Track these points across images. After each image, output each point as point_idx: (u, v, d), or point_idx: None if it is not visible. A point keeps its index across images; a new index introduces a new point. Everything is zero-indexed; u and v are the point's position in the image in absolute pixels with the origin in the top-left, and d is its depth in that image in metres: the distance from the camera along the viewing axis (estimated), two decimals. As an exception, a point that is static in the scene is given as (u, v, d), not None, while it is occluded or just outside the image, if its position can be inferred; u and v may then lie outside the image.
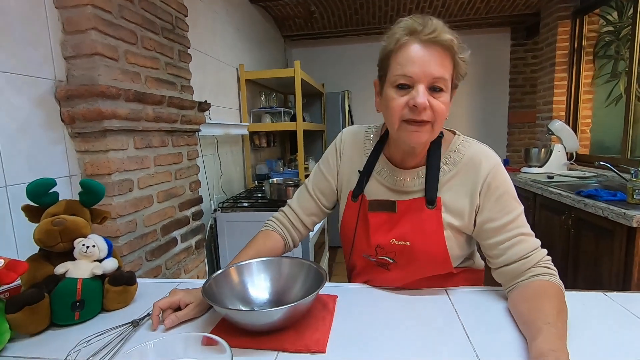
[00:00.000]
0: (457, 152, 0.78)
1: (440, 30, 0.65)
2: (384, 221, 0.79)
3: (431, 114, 0.68)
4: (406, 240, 0.75)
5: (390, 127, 0.74)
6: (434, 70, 0.66)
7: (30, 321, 0.64)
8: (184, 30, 1.57)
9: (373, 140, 0.86)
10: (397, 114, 0.69)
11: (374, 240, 0.79)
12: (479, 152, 0.77)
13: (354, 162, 0.87)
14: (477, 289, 0.80)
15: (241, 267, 0.75)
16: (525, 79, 3.80)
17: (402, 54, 0.67)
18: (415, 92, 0.66)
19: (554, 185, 2.07)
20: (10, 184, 0.94)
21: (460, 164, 0.77)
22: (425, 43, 0.66)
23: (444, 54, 0.67)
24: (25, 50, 0.99)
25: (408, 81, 0.67)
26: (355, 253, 0.85)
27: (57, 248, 0.73)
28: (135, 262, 1.25)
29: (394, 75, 0.69)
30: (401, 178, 0.80)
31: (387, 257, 0.79)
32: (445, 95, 0.69)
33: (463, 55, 0.69)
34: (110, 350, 0.58)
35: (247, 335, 0.61)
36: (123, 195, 1.19)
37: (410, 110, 0.68)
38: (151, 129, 1.31)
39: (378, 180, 0.82)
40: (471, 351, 0.57)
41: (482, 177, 0.74)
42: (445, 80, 0.67)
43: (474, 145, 0.79)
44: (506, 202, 0.73)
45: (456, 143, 0.79)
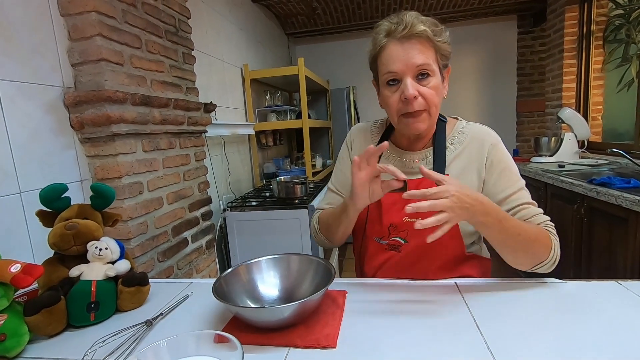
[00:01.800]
0: (461, 133, 0.85)
1: (413, 24, 0.71)
2: (396, 200, 0.81)
3: (423, 102, 0.74)
4: (418, 216, 0.76)
5: (392, 122, 0.82)
6: (415, 61, 0.72)
7: (47, 323, 0.66)
8: (187, 32, 1.59)
9: (379, 130, 0.93)
10: (394, 109, 0.77)
11: (386, 220, 0.82)
12: (481, 131, 0.85)
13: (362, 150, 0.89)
14: (487, 281, 0.79)
15: (250, 265, 0.76)
16: (533, 67, 3.74)
17: (384, 55, 0.75)
18: (404, 85, 0.73)
19: (565, 174, 2.04)
20: (24, 191, 0.96)
21: (465, 143, 0.83)
22: (402, 40, 0.73)
23: (421, 44, 0.72)
24: (34, 59, 1.01)
25: (395, 77, 0.74)
26: (367, 237, 0.87)
27: (71, 251, 0.75)
28: (147, 263, 1.27)
29: (383, 74, 0.76)
30: (410, 159, 0.86)
31: (399, 237, 0.82)
32: (433, 80, 0.74)
33: (441, 38, 0.75)
34: (125, 350, 0.60)
35: (258, 332, 0.62)
36: (133, 198, 1.21)
37: (403, 103, 0.74)
38: (158, 132, 1.33)
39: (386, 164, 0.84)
40: (482, 343, 0.56)
41: (485, 152, 0.81)
42: (429, 64, 0.73)
43: (476, 126, 0.86)
44: (508, 177, 0.80)
45: (460, 126, 0.87)
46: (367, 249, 0.89)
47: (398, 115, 0.77)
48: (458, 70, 3.96)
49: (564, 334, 0.58)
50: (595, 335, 0.57)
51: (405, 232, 0.81)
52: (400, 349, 0.57)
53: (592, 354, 0.52)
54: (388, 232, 0.83)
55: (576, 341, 0.55)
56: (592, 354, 0.52)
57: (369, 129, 0.95)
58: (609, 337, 0.56)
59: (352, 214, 0.78)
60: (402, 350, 0.56)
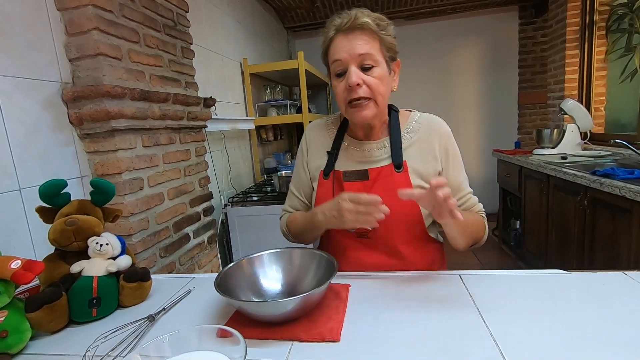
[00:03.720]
0: (416, 122, 0.90)
1: (357, 16, 0.76)
2: (359, 189, 0.84)
3: (368, 90, 0.77)
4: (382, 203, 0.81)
5: (342, 111, 0.85)
6: (358, 50, 0.76)
7: (49, 319, 0.66)
8: (185, 26, 1.57)
9: (334, 125, 0.96)
10: (341, 98, 0.80)
11: None
12: (435, 121, 0.90)
13: (321, 148, 0.94)
14: (490, 273, 0.78)
15: (252, 259, 0.75)
16: (535, 58, 3.70)
17: (332, 46, 0.79)
18: (348, 73, 0.77)
19: (568, 165, 2.02)
20: (23, 187, 0.95)
21: (420, 132, 0.88)
22: (346, 31, 0.77)
23: (365, 35, 0.76)
24: (31, 54, 1.00)
25: (341, 66, 0.78)
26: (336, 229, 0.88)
27: (71, 247, 0.74)
28: (149, 259, 1.27)
29: (331, 65, 0.80)
30: (368, 149, 0.88)
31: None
32: (377, 70, 0.77)
33: (386, 31, 0.78)
34: (128, 345, 0.59)
35: (261, 326, 0.62)
36: (134, 194, 1.21)
37: (348, 91, 0.78)
38: (158, 127, 1.32)
39: (346, 156, 0.90)
40: (488, 335, 0.56)
41: (439, 141, 0.86)
42: (372, 55, 0.76)
43: (430, 116, 0.91)
44: (460, 165, 0.89)
45: (414, 117, 0.91)
46: (336, 239, 0.90)
47: (345, 103, 0.80)
48: (458, 62, 3.93)
49: (572, 325, 0.57)
50: (603, 326, 0.56)
51: None
52: (405, 342, 0.56)
53: (600, 345, 0.52)
54: None
55: (584, 332, 0.55)
56: (600, 345, 0.52)
57: (324, 125, 0.97)
58: (617, 328, 0.55)
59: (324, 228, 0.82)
60: (407, 344, 0.56)
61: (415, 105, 4.20)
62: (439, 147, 0.86)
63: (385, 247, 0.85)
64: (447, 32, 3.90)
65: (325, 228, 0.81)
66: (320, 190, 0.90)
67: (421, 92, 4.03)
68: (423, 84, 4.01)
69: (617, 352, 0.50)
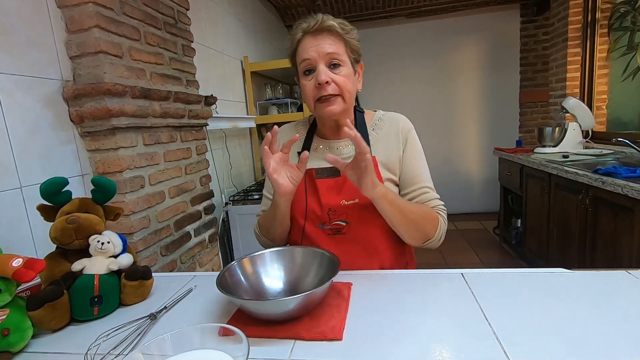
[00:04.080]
0: (380, 120, 0.94)
1: (323, 20, 0.80)
2: (331, 186, 0.87)
3: (336, 87, 0.81)
4: (354, 198, 0.85)
5: (310, 109, 0.87)
6: (326, 49, 0.80)
7: (51, 317, 0.66)
8: (186, 24, 1.56)
9: (304, 127, 0.98)
10: (310, 95, 0.83)
11: (325, 203, 0.86)
12: (398, 117, 0.94)
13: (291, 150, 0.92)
14: (493, 271, 0.78)
15: (254, 258, 0.75)
16: (537, 56, 3.69)
17: (300, 47, 0.83)
18: (317, 71, 0.81)
19: (569, 164, 2.01)
20: (24, 185, 0.95)
21: (385, 128, 0.92)
22: (314, 33, 0.81)
23: (331, 36, 0.81)
24: (31, 52, 0.99)
25: (310, 65, 0.82)
26: (309, 225, 0.89)
27: (72, 245, 0.74)
28: (150, 257, 1.26)
29: (299, 64, 0.84)
30: (337, 147, 0.92)
31: (339, 220, 0.87)
32: (344, 69, 0.82)
33: (350, 35, 0.84)
34: (130, 344, 0.59)
35: (263, 325, 0.61)
36: (135, 192, 1.20)
37: (317, 89, 0.81)
38: (159, 125, 1.31)
39: (317, 156, 0.92)
40: (491, 333, 0.56)
41: (402, 134, 0.90)
42: (340, 54, 0.81)
43: (393, 114, 0.96)
44: (418, 157, 0.90)
45: (378, 115, 0.95)
46: (309, 237, 0.90)
47: (314, 100, 0.83)
48: (459, 61, 3.92)
49: (575, 323, 0.57)
50: (606, 324, 0.56)
51: (344, 214, 0.86)
52: (407, 341, 0.56)
53: (604, 343, 0.52)
54: (329, 217, 0.87)
55: (587, 331, 0.55)
56: (604, 343, 0.52)
57: (294, 128, 1.00)
58: (621, 327, 0.55)
59: (282, 204, 0.83)
60: (409, 342, 0.56)
61: (416, 104, 4.18)
62: (401, 137, 0.90)
63: (360, 244, 0.86)
64: (448, 31, 3.88)
65: (280, 199, 0.82)
66: None
67: (421, 90, 4.02)
68: (423, 83, 4.00)
69: (622, 350, 0.50)
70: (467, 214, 4.13)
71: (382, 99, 4.10)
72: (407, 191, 0.88)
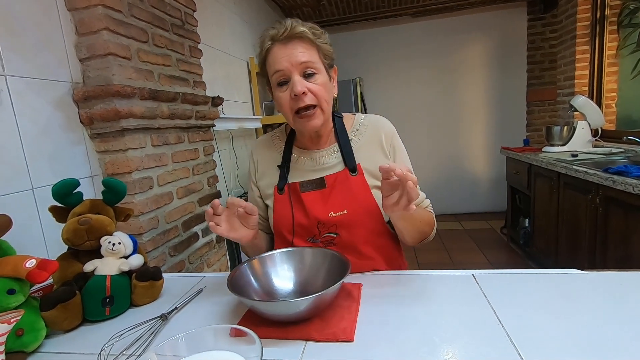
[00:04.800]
0: (361, 125, 0.90)
1: (293, 26, 0.76)
2: (317, 198, 0.84)
3: (313, 97, 0.77)
4: (343, 209, 0.82)
5: (288, 122, 0.83)
6: (300, 58, 0.75)
7: (64, 318, 0.66)
8: (193, 25, 1.57)
9: (280, 138, 0.95)
10: (286, 108, 0.79)
11: (313, 216, 0.83)
12: (379, 120, 0.91)
13: (270, 163, 0.92)
14: (504, 272, 0.77)
15: (264, 259, 0.75)
16: (544, 54, 3.65)
17: (270, 57, 0.78)
18: (292, 82, 0.76)
19: (578, 163, 1.99)
20: (36, 187, 0.96)
21: (367, 133, 0.88)
22: (284, 41, 0.76)
23: (303, 43, 0.77)
24: (41, 54, 1.00)
25: (283, 76, 0.77)
26: (298, 240, 0.85)
27: (84, 246, 0.75)
28: (159, 258, 1.27)
29: (272, 76, 0.79)
30: (319, 157, 0.88)
31: (329, 232, 0.84)
32: (319, 77, 0.78)
33: (322, 39, 0.80)
34: (142, 344, 0.60)
35: (273, 326, 0.61)
36: (144, 193, 1.21)
37: (294, 100, 0.77)
38: (167, 126, 1.32)
39: (298, 167, 0.89)
40: (504, 335, 0.55)
41: (386, 138, 0.87)
42: (314, 62, 0.77)
43: (373, 117, 0.92)
44: (405, 161, 0.88)
45: (358, 119, 0.91)
46: None
47: (292, 113, 0.79)
48: (465, 60, 3.89)
49: (590, 325, 0.56)
50: (621, 326, 0.55)
51: (334, 226, 0.83)
52: (419, 342, 0.56)
53: (620, 346, 0.51)
54: (318, 231, 0.84)
55: (602, 332, 0.54)
56: (620, 346, 0.51)
57: (270, 140, 0.96)
58: (638, 329, 0.54)
59: (247, 245, 0.84)
60: (421, 343, 0.55)
61: (421, 103, 4.18)
62: (386, 144, 0.87)
63: (352, 253, 0.82)
64: (453, 29, 3.86)
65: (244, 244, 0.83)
66: (277, 206, 0.88)
67: (427, 89, 4.00)
68: (429, 82, 3.98)
69: (638, 353, 0.49)
70: (474, 213, 4.11)
71: (388, 98, 4.09)
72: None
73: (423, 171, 4.04)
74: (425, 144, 4.06)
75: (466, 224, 3.81)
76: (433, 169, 4.10)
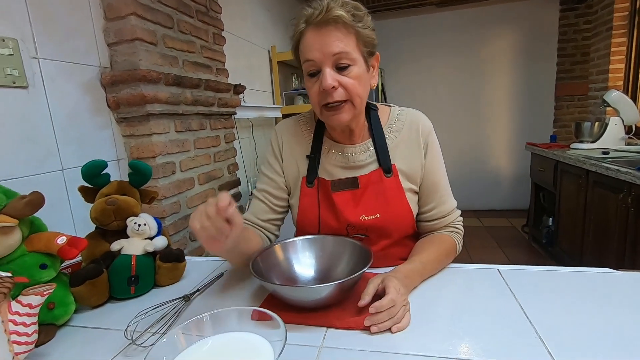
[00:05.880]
0: (397, 120, 0.83)
1: (330, 7, 0.66)
2: (349, 199, 0.79)
3: (344, 92, 0.70)
4: (375, 213, 0.78)
5: (317, 114, 0.77)
6: (332, 48, 0.67)
7: (91, 294, 0.68)
8: (217, 12, 1.57)
9: (308, 124, 0.87)
10: (315, 101, 0.73)
11: (343, 219, 0.78)
12: (417, 116, 0.84)
13: (298, 151, 0.85)
14: (531, 268, 0.75)
15: (286, 245, 0.75)
16: (576, 47, 3.49)
17: (303, 42, 0.70)
18: (322, 75, 0.68)
19: (609, 161, 1.91)
20: (65, 168, 0.99)
21: (404, 130, 0.82)
22: (318, 25, 0.68)
23: (339, 30, 0.67)
24: (72, 39, 1.02)
25: (314, 66, 0.70)
26: None
27: (111, 226, 0.77)
28: (180, 242, 1.30)
29: (303, 64, 0.72)
30: (352, 153, 0.81)
31: (359, 234, 0.80)
32: (354, 69, 0.69)
33: (362, 24, 0.69)
34: (166, 323, 0.61)
35: (294, 311, 0.61)
36: (167, 178, 1.23)
37: (322, 94, 0.70)
38: (190, 112, 1.33)
39: (329, 161, 0.82)
40: (533, 333, 0.53)
41: (423, 137, 0.81)
42: (349, 53, 0.68)
43: (411, 111, 0.85)
44: (437, 163, 0.82)
45: (394, 113, 0.84)
46: None
47: (320, 106, 0.72)
48: (492, 51, 3.76)
49: (626, 326, 0.53)
50: (659, 329, 0.52)
51: (364, 229, 0.79)
52: (442, 335, 0.55)
53: (658, 349, 0.48)
54: (347, 232, 0.79)
55: (637, 336, 0.51)
56: (658, 349, 0.48)
57: (298, 126, 0.87)
58: (676, 332, 0.51)
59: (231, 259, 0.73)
60: (444, 336, 0.54)
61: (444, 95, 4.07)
62: (422, 141, 0.81)
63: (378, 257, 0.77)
64: (480, 20, 3.73)
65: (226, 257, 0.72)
66: (304, 200, 0.81)
67: (450, 82, 3.90)
68: (452, 74, 3.88)
69: (679, 357, 0.47)
70: (495, 210, 4.01)
71: (409, 90, 4.01)
72: (428, 206, 0.82)
73: (443, 166, 3.96)
74: (447, 137, 3.97)
75: (486, 220, 3.72)
76: (453, 163, 4.01)
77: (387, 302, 0.56)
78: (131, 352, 0.55)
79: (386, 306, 0.56)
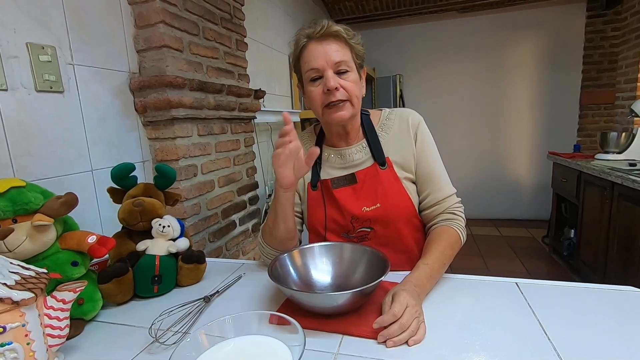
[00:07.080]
0: (388, 119, 0.92)
1: (329, 25, 0.78)
2: (350, 194, 0.86)
3: (344, 93, 0.80)
4: (375, 203, 0.84)
5: (318, 116, 0.86)
6: (333, 57, 0.78)
7: (118, 291, 0.72)
8: (240, 19, 1.61)
9: (310, 137, 0.98)
10: (318, 102, 0.82)
11: (347, 212, 0.85)
12: (406, 112, 0.91)
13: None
14: (550, 284, 0.74)
15: (304, 250, 0.77)
16: (603, 54, 3.39)
17: (305, 54, 0.81)
18: (326, 78, 0.79)
19: (637, 173, 1.84)
20: (95, 169, 1.04)
21: (394, 126, 0.90)
22: (319, 39, 0.79)
23: (337, 42, 0.79)
24: (105, 45, 1.07)
25: (318, 72, 0.80)
26: (331, 235, 0.88)
27: (137, 227, 0.80)
28: (199, 243, 1.33)
29: (305, 72, 0.81)
30: (348, 154, 0.90)
31: (364, 227, 0.86)
32: (351, 75, 0.81)
33: (355, 40, 0.82)
34: (188, 322, 0.63)
35: (311, 317, 0.63)
36: (189, 180, 1.27)
37: (326, 95, 0.80)
38: (212, 117, 1.37)
39: (329, 165, 0.91)
40: (551, 349, 0.53)
41: (412, 128, 0.88)
42: (347, 61, 0.80)
43: (401, 110, 0.93)
44: (430, 152, 0.88)
45: (385, 114, 0.93)
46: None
47: (322, 107, 0.81)
48: (513, 58, 3.70)
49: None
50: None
51: (367, 221, 0.85)
52: (459, 347, 0.55)
53: (683, 372, 0.47)
54: (352, 226, 0.86)
55: (662, 357, 0.50)
56: (683, 372, 0.47)
57: (301, 139, 0.97)
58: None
59: (282, 198, 0.78)
60: (461, 348, 0.54)
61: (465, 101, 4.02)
62: (412, 131, 0.88)
63: (388, 246, 0.85)
64: (504, 26, 3.68)
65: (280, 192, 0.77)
66: (311, 203, 0.90)
67: (470, 88, 3.85)
68: (473, 80, 3.83)
69: None
70: (514, 220, 3.92)
71: (428, 95, 3.98)
72: (424, 194, 0.87)
73: (461, 171, 3.91)
74: (466, 144, 3.92)
75: (504, 230, 3.65)
76: (472, 170, 3.95)
77: (388, 317, 0.57)
78: (155, 350, 0.58)
79: (388, 321, 0.57)
